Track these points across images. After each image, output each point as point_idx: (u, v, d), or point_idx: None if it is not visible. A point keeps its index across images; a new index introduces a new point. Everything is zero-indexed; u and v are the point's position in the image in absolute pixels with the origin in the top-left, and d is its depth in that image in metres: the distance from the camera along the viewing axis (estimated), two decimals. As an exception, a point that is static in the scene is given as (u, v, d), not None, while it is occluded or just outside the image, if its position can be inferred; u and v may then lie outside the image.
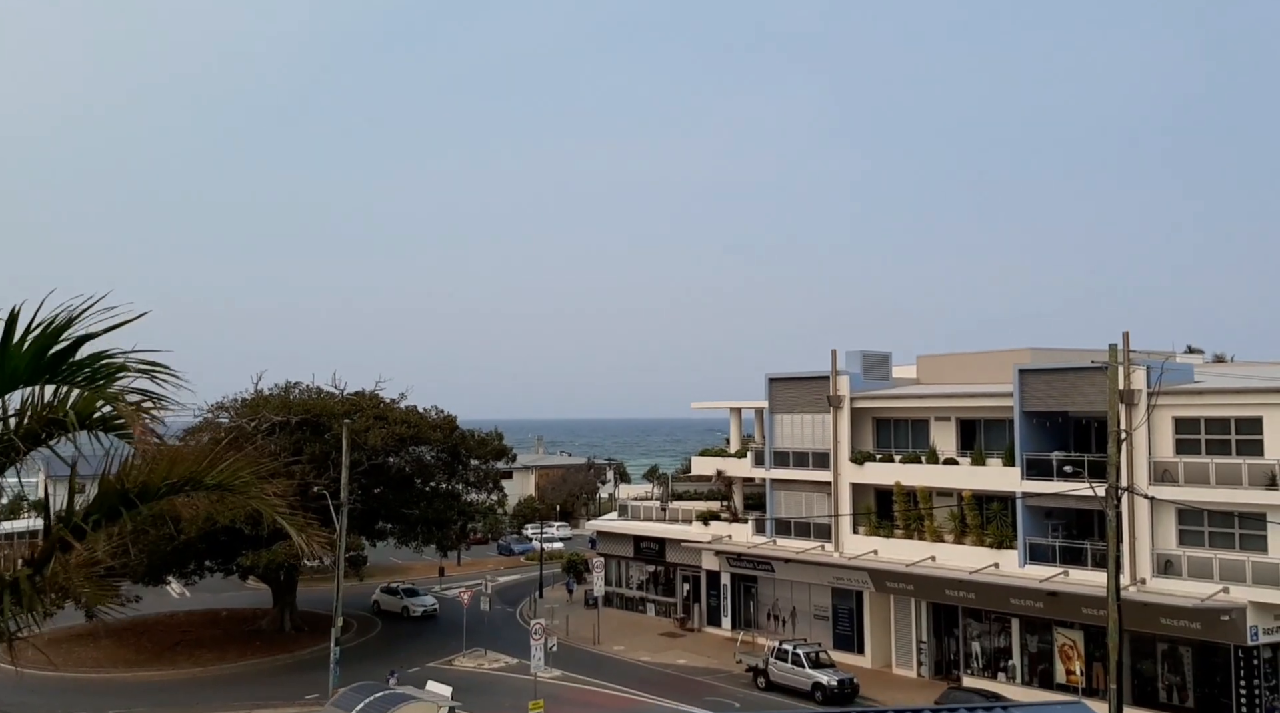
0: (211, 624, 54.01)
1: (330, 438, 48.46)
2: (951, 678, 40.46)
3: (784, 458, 47.18)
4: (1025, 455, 37.91)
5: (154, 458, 7.77)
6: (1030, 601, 37.37)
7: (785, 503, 47.50)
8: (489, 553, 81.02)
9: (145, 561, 45.08)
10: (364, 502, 51.53)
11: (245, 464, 8.28)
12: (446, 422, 54.44)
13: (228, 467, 8.12)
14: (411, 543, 55.24)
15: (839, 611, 45.27)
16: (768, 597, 48.79)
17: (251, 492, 8.28)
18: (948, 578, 39.50)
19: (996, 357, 42.27)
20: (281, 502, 8.48)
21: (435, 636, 50.76)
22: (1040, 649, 38.26)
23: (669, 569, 54.89)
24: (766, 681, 40.50)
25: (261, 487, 8.36)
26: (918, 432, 43.71)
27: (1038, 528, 38.16)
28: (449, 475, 55.76)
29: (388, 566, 71.88)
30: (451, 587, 63.60)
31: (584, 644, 48.64)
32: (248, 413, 51.73)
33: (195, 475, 8.00)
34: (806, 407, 46.40)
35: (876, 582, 42.51)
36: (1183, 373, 36.61)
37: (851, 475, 44.31)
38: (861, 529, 43.93)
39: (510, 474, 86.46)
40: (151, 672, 44.84)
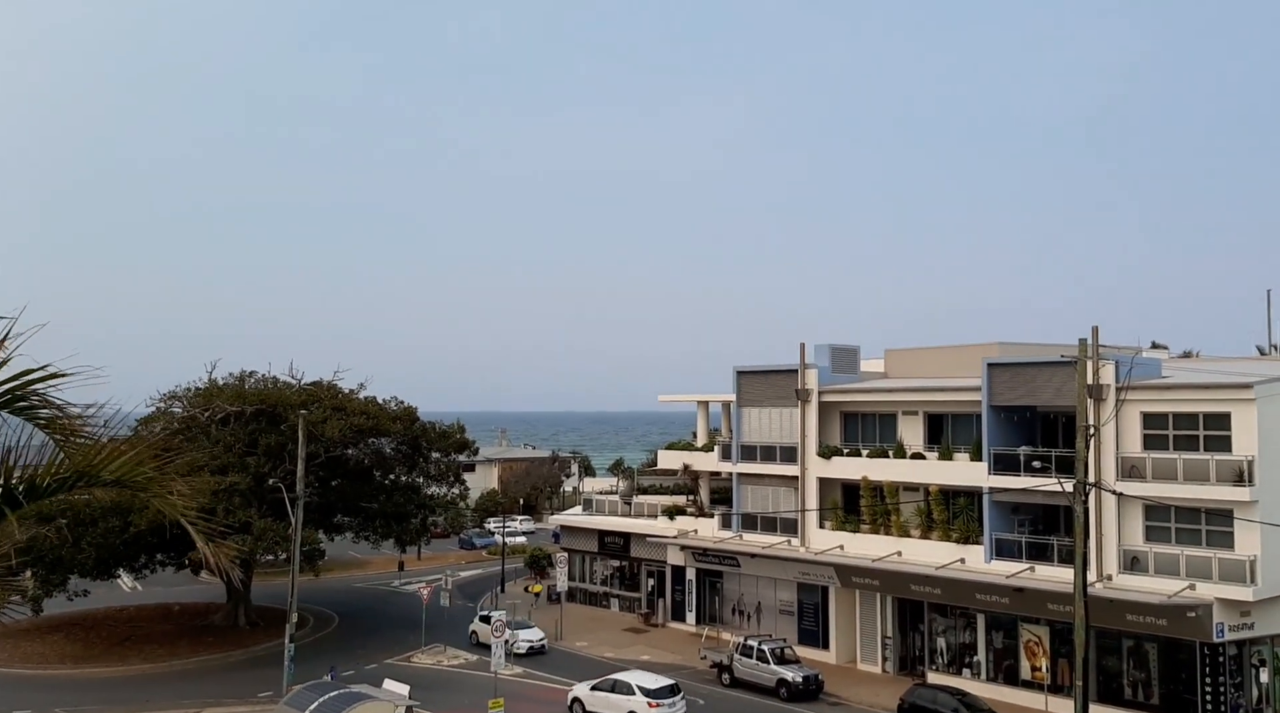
0: (163, 619, 53.32)
1: (286, 429, 47.91)
2: (916, 674, 40.61)
3: (751, 452, 47.13)
4: (992, 450, 38.03)
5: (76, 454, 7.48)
6: (996, 596, 37.54)
7: (752, 497, 47.45)
8: (450, 547, 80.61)
9: (94, 554, 44.35)
10: (321, 495, 51.02)
11: (148, 459, 7.83)
12: (407, 413, 53.98)
13: (128, 461, 7.69)
14: (370, 537, 54.76)
15: (804, 606, 45.32)
16: (733, 592, 48.76)
17: (153, 489, 7.84)
18: (914, 573, 39.60)
19: (964, 351, 42.36)
20: (186, 502, 7.97)
21: (394, 631, 50.34)
22: (1006, 645, 38.44)
23: (634, 564, 54.77)
24: (731, 677, 40.44)
25: (168, 484, 7.88)
26: (885, 426, 43.77)
27: (1004, 523, 38.33)
28: (409, 468, 55.31)
29: (345, 560, 71.38)
30: (411, 581, 63.17)
31: (546, 640, 48.35)
32: (201, 403, 51.07)
33: (88, 471, 7.62)
34: (774, 400, 46.34)
35: (842, 577, 42.57)
36: (1150, 368, 36.87)
37: (819, 470, 44.32)
38: (828, 524, 43.95)
39: (473, 467, 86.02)
40: (100, 668, 44.15)
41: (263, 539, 44.20)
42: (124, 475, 7.74)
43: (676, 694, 35.59)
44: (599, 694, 36.62)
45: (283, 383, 53.68)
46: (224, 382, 53.38)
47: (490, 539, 79.99)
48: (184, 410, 51.53)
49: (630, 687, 35.78)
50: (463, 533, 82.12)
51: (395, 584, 64.69)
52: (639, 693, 35.47)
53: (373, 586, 64.98)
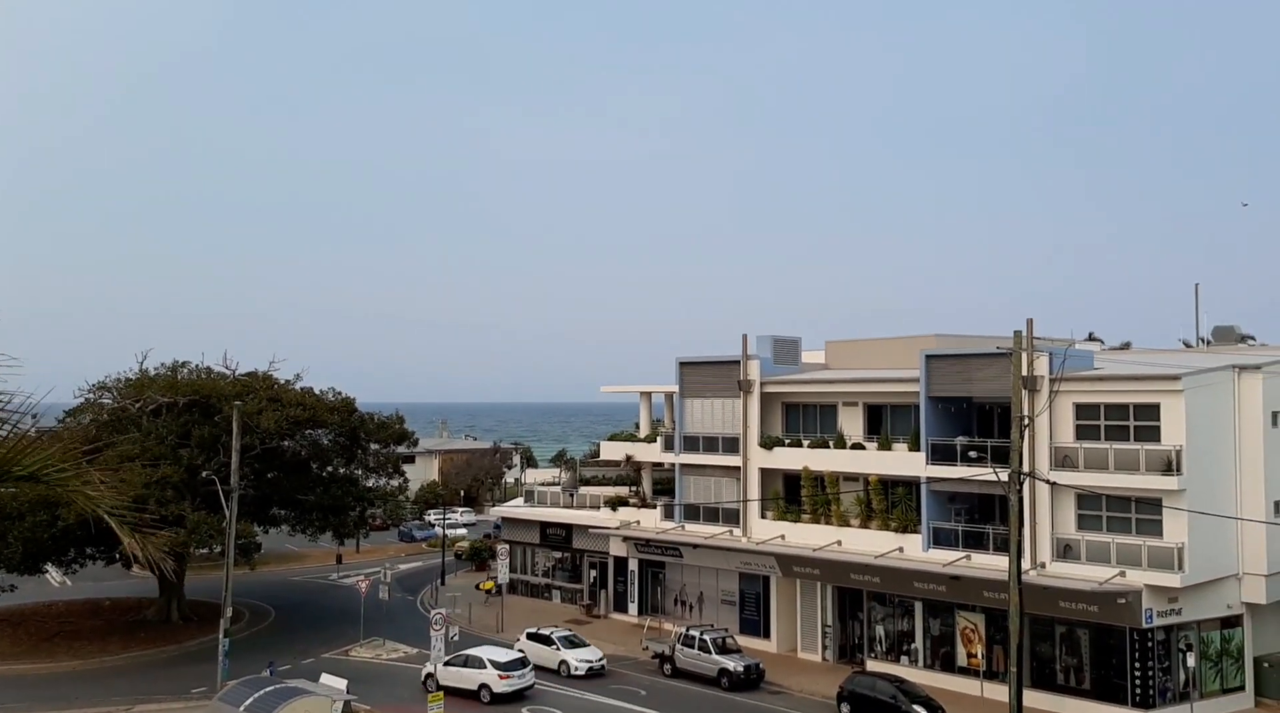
0: (93, 615, 52.33)
1: (221, 421, 47.28)
2: (856, 662, 41.19)
3: (694, 443, 47.36)
4: (930, 440, 38.67)
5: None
6: (933, 584, 38.18)
7: (694, 488, 47.71)
8: (389, 539, 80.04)
9: (20, 548, 43.42)
10: (256, 487, 50.39)
11: (63, 454, 7.58)
12: (344, 404, 53.49)
13: (40, 457, 7.42)
14: (307, 530, 54.22)
15: (746, 596, 45.69)
16: (675, 583, 49.03)
17: (71, 485, 7.60)
18: (853, 562, 40.14)
19: (903, 343, 42.97)
20: (108, 495, 7.73)
21: (332, 625, 49.92)
22: (943, 633, 39.11)
23: (576, 555, 54.81)
24: (673, 667, 40.65)
25: (86, 479, 7.63)
26: (826, 417, 44.24)
27: (941, 512, 39.00)
28: (347, 460, 54.82)
29: (282, 553, 70.58)
30: (349, 574, 62.68)
31: (487, 633, 48.12)
32: (131, 394, 50.18)
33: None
34: (717, 391, 46.61)
35: (784, 566, 43.00)
36: (1084, 360, 37.69)
37: (760, 460, 44.68)
38: (770, 514, 44.34)
39: (412, 459, 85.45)
40: (28, 664, 43.25)
41: (196, 532, 43.60)
42: (39, 471, 7.45)
43: (526, 667, 38.31)
44: (452, 669, 38.54)
45: (217, 374, 52.92)
46: (156, 372, 52.49)
47: (430, 532, 79.49)
48: (114, 401, 50.63)
49: (482, 661, 38.14)
50: (402, 525, 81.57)
51: (333, 578, 64.07)
52: (490, 667, 37.89)
53: (310, 579, 64.32)
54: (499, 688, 37.39)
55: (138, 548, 7.90)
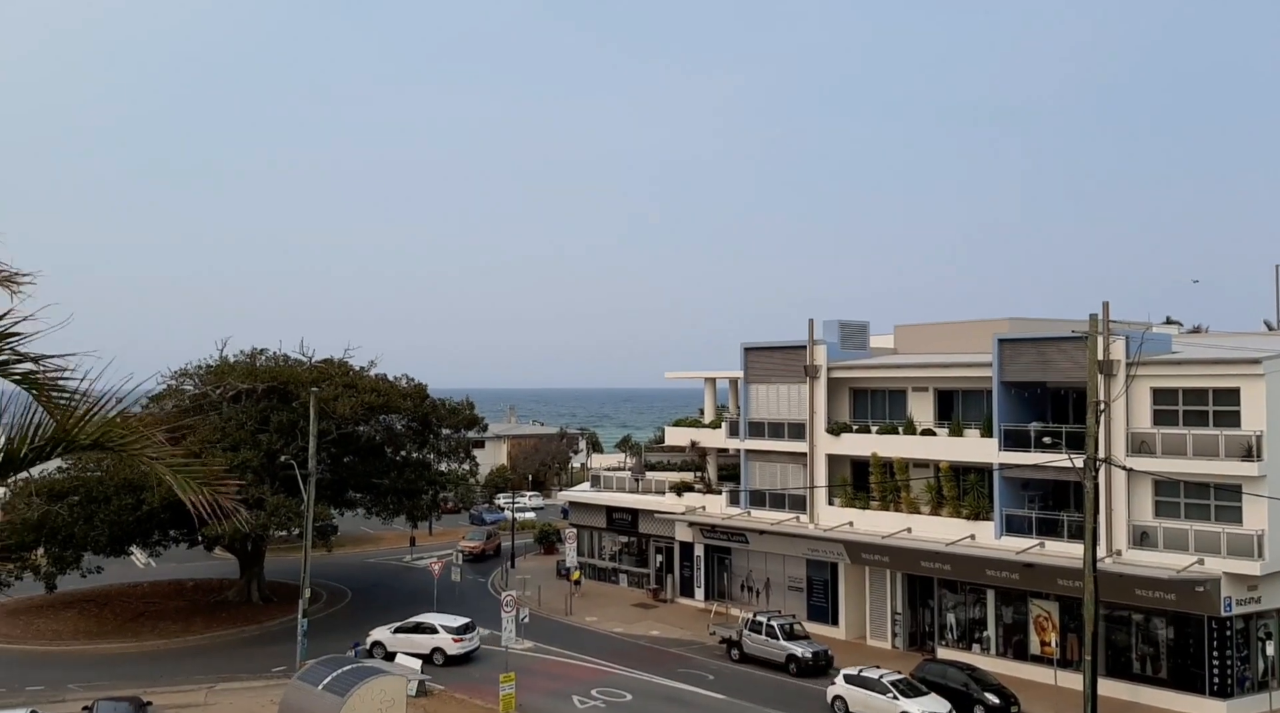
0: (177, 595, 53.48)
1: (298, 406, 47.89)
2: (926, 650, 40.62)
3: (759, 429, 46.96)
4: (1003, 426, 37.85)
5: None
6: (1006, 572, 37.45)
7: (760, 474, 47.30)
8: (461, 522, 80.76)
9: (107, 531, 44.42)
10: (333, 471, 51.01)
11: (123, 420, 7.71)
12: (417, 390, 53.91)
13: (100, 424, 7.54)
14: (381, 513, 54.83)
15: (813, 582, 45.25)
16: (741, 568, 48.73)
17: (132, 448, 7.72)
18: (923, 549, 39.53)
19: (975, 327, 42.13)
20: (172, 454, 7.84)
21: (406, 606, 50.28)
22: (1015, 621, 38.38)
23: (642, 540, 54.74)
24: (740, 652, 40.40)
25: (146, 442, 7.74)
26: (895, 402, 43.57)
27: (1014, 499, 38.19)
28: (420, 445, 55.28)
29: (357, 535, 71.53)
30: (423, 556, 63.36)
31: (556, 615, 48.43)
32: (212, 380, 51.06)
33: (63, 436, 7.47)
34: (782, 377, 46.13)
35: (852, 553, 42.50)
36: (1161, 344, 36.60)
37: (827, 446, 44.17)
38: (837, 501, 43.81)
39: (482, 443, 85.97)
40: (114, 644, 44.29)
41: (276, 515, 44.25)
42: (102, 437, 7.57)
43: (473, 631, 40.80)
44: (402, 636, 40.46)
45: (294, 360, 53.64)
46: (235, 359, 53.35)
47: (500, 515, 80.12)
48: (195, 388, 51.55)
49: (434, 626, 40.47)
50: (473, 509, 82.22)
51: (407, 559, 64.86)
52: (443, 631, 40.17)
53: (385, 561, 65.14)
54: (453, 651, 39.85)
55: (204, 504, 7.72)
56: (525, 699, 34.44)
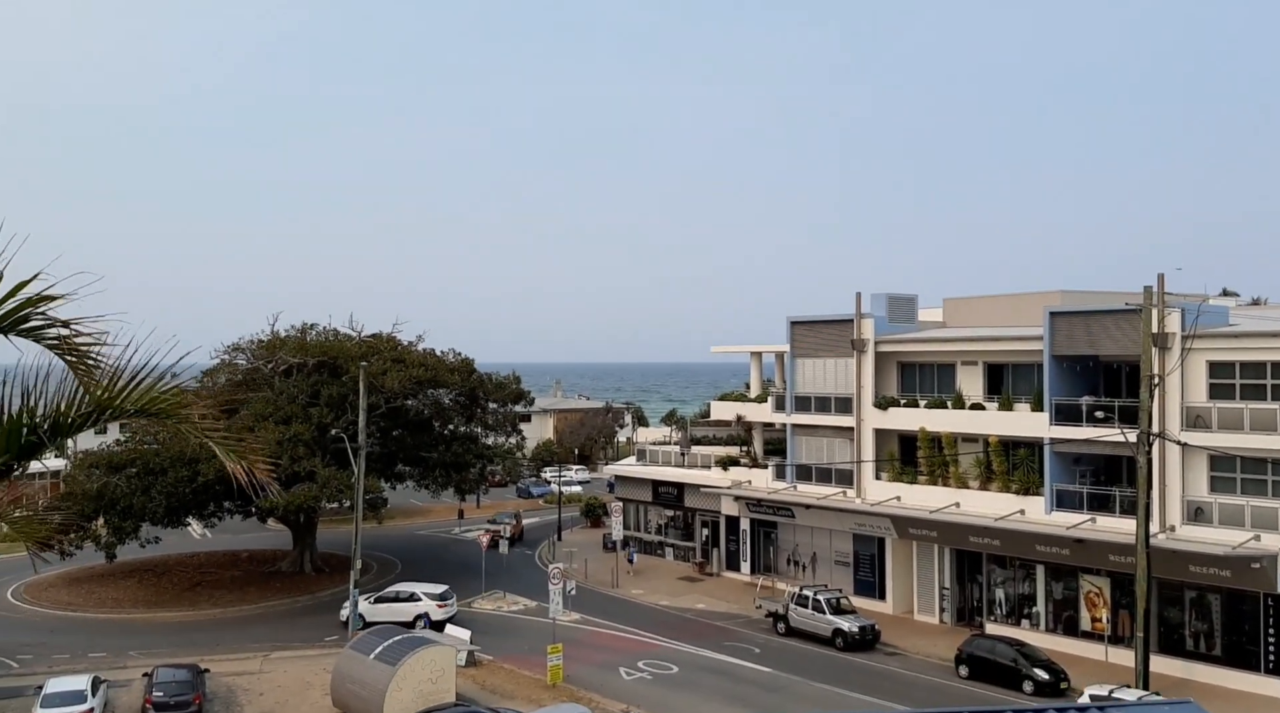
0: (231, 566, 54.41)
1: (348, 380, 48.32)
2: (974, 625, 40.26)
3: (805, 403, 46.64)
4: (1054, 400, 37.23)
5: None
6: (1056, 548, 36.96)
7: (806, 448, 47.00)
8: (508, 496, 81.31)
9: (164, 502, 45.21)
10: (383, 444, 51.52)
11: (168, 389, 7.84)
12: (464, 365, 54.18)
13: (145, 391, 7.66)
14: (430, 486, 55.29)
15: (860, 557, 45.02)
16: (788, 542, 48.59)
17: (178, 414, 7.86)
18: (972, 524, 39.05)
19: (1026, 299, 41.42)
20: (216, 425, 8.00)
21: (454, 578, 50.72)
22: (1065, 596, 37.91)
23: (687, 514, 54.74)
24: (786, 626, 40.35)
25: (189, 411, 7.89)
26: (944, 376, 43.04)
27: (1065, 474, 37.62)
28: (467, 419, 55.66)
29: (407, 507, 72.27)
30: (471, 529, 63.87)
31: (602, 588, 48.70)
32: (264, 355, 51.66)
33: (108, 403, 7.57)
34: (829, 351, 45.72)
35: (899, 528, 42.18)
36: (1218, 316, 35.74)
37: (875, 421, 43.76)
38: (884, 475, 43.45)
39: (529, 417, 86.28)
40: (171, 613, 45.19)
41: (327, 487, 44.76)
42: (146, 405, 7.69)
43: (451, 598, 42.12)
44: (383, 606, 41.20)
45: (343, 335, 54.12)
46: (286, 334, 53.92)
47: (546, 488, 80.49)
48: (248, 362, 52.19)
49: (417, 594, 41.49)
50: (520, 482, 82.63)
51: (455, 532, 65.43)
52: (426, 598, 41.23)
53: (434, 533, 65.78)
54: (438, 616, 40.61)
55: (242, 474, 8.02)
56: (572, 670, 34.67)
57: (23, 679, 34.37)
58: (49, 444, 7.52)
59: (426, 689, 29.74)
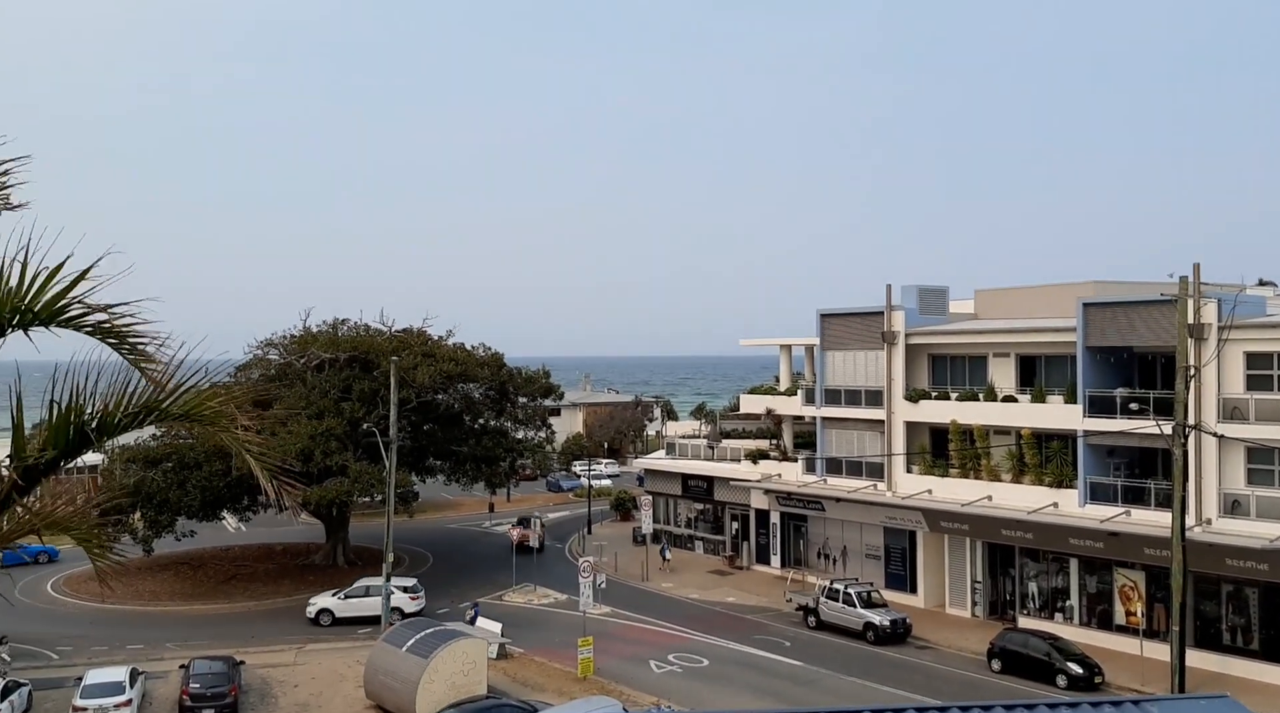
0: (266, 559, 54.87)
1: (379, 375, 48.56)
2: (1007, 619, 39.94)
3: (835, 396, 46.45)
4: (1087, 392, 36.84)
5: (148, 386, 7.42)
6: (1090, 541, 36.60)
7: (836, 441, 46.84)
8: (538, 489, 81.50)
9: (199, 496, 45.64)
10: (413, 439, 51.70)
11: (213, 394, 7.78)
12: (494, 359, 54.29)
13: (193, 396, 7.64)
14: (461, 480, 55.49)
15: (891, 550, 44.81)
16: (818, 536, 48.44)
17: (220, 423, 7.82)
18: (1004, 518, 38.77)
19: (1058, 290, 41.02)
20: (254, 439, 7.95)
21: (485, 571, 51.11)
22: (1099, 590, 37.54)
23: (717, 507, 54.69)
24: (817, 620, 40.25)
25: (232, 420, 7.83)
26: (975, 369, 42.73)
27: (1099, 467, 37.25)
28: (497, 413, 55.77)
29: (438, 501, 72.55)
30: (501, 522, 64.08)
31: (632, 581, 48.74)
32: (296, 350, 52.00)
33: (156, 405, 7.55)
34: (859, 343, 45.53)
35: (930, 521, 41.93)
36: (1255, 306, 35.21)
37: (906, 414, 43.51)
38: (915, 468, 43.21)
39: (558, 411, 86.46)
40: (207, 605, 45.67)
41: (359, 481, 45.03)
42: (192, 410, 7.66)
43: (421, 591, 42.45)
44: (353, 600, 41.66)
45: (374, 330, 54.33)
46: (318, 329, 54.21)
47: (576, 482, 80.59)
48: (280, 357, 52.56)
49: (390, 588, 40.68)
50: (550, 476, 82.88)
51: (485, 525, 65.64)
52: (397, 592, 41.16)
53: (465, 526, 66.06)
54: (410, 608, 41.05)
55: (271, 491, 8.18)
56: (603, 663, 34.71)
57: (63, 671, 34.82)
58: (96, 443, 7.55)
59: (458, 682, 29.88)
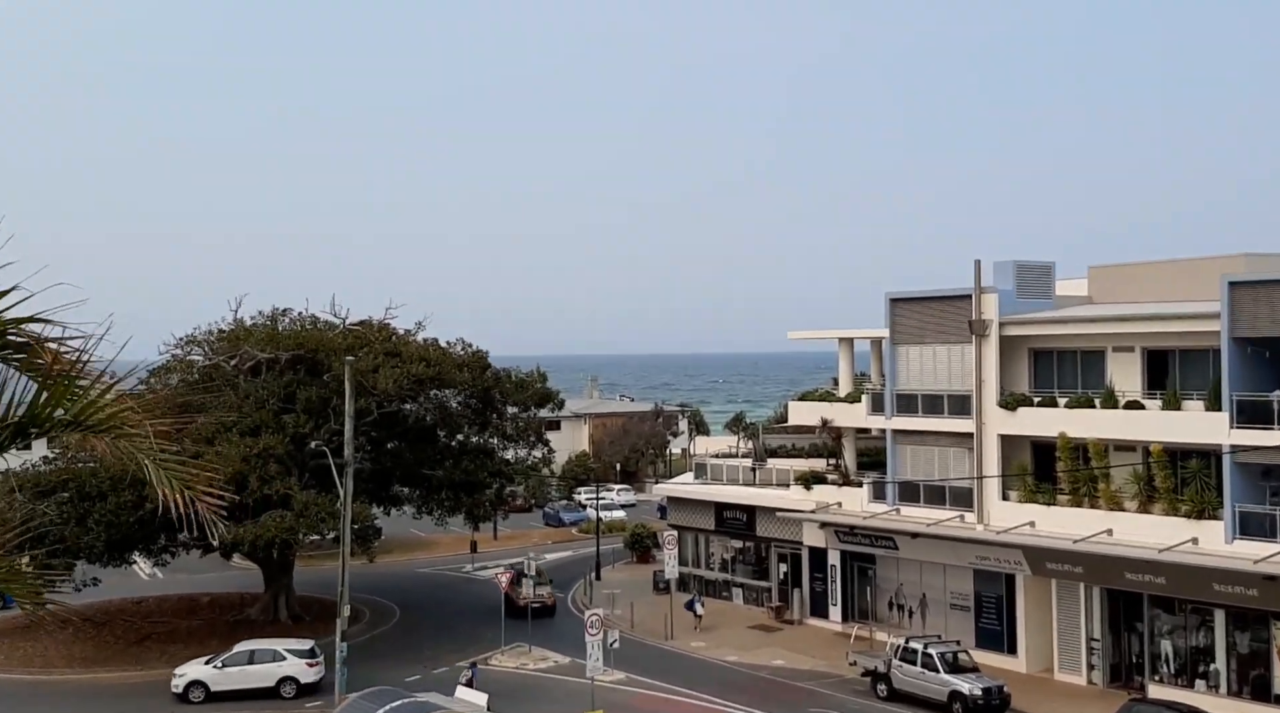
0: (189, 613, 54.72)
1: (330, 380, 48.38)
2: (1133, 687, 39.75)
3: (910, 402, 46.34)
4: (1235, 396, 36.57)
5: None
6: (1240, 587, 36.23)
7: (911, 461, 46.84)
8: (533, 523, 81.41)
9: (104, 534, 45.16)
10: (375, 460, 51.55)
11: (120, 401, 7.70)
12: (476, 359, 54.06)
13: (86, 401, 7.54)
14: (435, 512, 55.19)
15: (983, 599, 44.69)
16: (889, 581, 48.35)
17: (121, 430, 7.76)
18: (1129, 557, 38.48)
19: (1197, 266, 40.90)
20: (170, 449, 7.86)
21: (467, 627, 50.90)
22: (1254, 650, 37.27)
23: (761, 545, 54.58)
24: (888, 688, 40.15)
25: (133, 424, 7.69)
26: (1089, 367, 42.50)
27: (1252, 492, 36.94)
28: (480, 427, 55.71)
29: (406, 539, 72.38)
30: (486, 565, 63.73)
31: (653, 639, 48.66)
32: (226, 349, 51.73)
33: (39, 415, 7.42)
34: (940, 335, 45.50)
35: (1033, 562, 41.63)
36: None
37: (1000, 425, 43.25)
38: (1014, 494, 43.09)
39: (558, 424, 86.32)
40: (114, 673, 45.38)
41: (305, 515, 44.65)
42: (80, 415, 7.63)
43: (319, 655, 42.22)
44: (234, 670, 41.08)
45: (324, 323, 54.14)
46: (253, 322, 54.00)
47: (581, 514, 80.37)
48: (205, 358, 52.27)
49: (278, 652, 41.57)
50: (548, 506, 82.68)
51: (467, 569, 65.41)
52: (292, 657, 41.46)
53: (440, 571, 66.09)
54: (308, 678, 41.13)
55: (179, 503, 8.03)
56: (617, 746, 34.28)
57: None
58: None
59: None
